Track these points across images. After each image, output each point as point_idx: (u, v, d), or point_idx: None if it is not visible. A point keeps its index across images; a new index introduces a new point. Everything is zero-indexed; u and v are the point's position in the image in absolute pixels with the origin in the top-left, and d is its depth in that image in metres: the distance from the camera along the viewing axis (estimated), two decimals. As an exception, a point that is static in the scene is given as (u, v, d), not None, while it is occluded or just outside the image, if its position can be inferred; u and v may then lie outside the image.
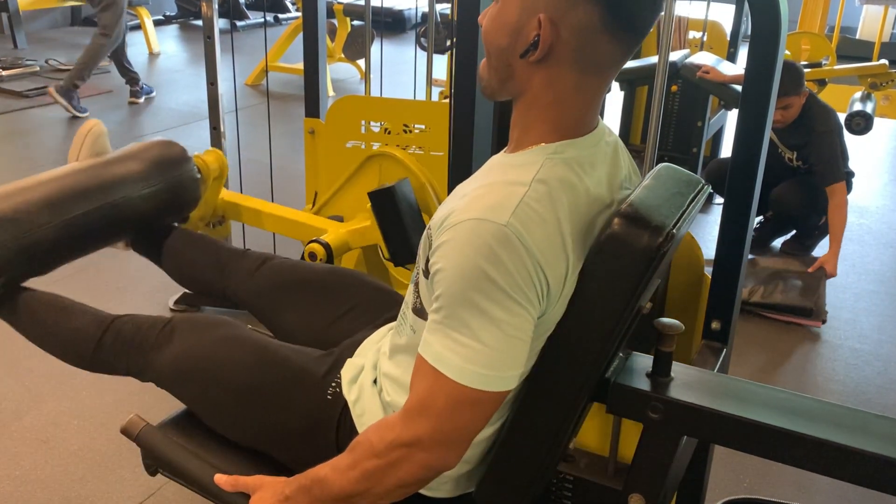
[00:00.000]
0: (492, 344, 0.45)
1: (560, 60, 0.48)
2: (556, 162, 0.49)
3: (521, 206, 0.46)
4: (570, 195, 0.49)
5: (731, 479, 1.04)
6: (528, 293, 0.46)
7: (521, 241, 0.45)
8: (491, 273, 0.45)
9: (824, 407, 0.54)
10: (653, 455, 0.55)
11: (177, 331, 0.69)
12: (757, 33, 0.67)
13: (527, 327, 0.46)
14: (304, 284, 0.75)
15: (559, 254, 0.47)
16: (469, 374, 0.46)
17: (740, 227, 0.70)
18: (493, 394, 0.47)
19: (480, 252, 0.45)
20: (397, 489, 0.49)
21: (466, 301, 0.45)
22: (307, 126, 1.37)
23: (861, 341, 1.42)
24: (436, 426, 0.46)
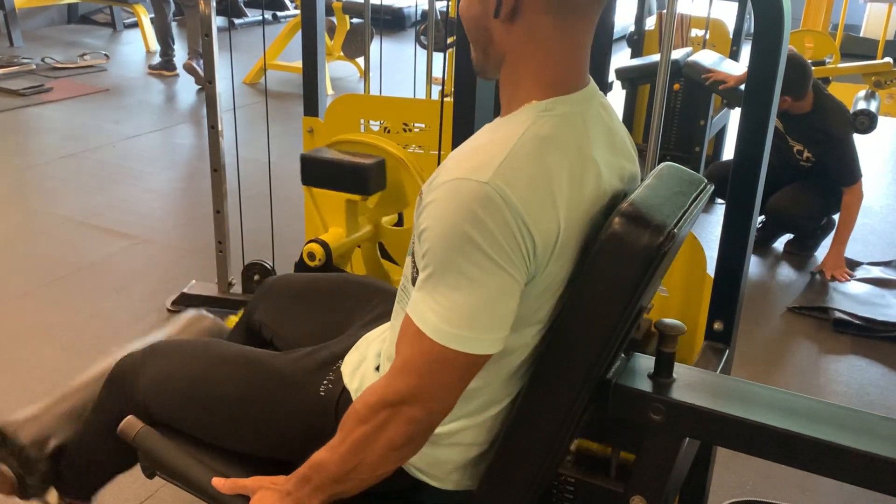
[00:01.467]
0: (469, 306, 0.45)
1: (530, 8, 0.47)
2: (547, 119, 0.48)
3: (506, 163, 0.46)
4: (560, 152, 0.47)
5: (733, 480, 1.04)
6: (512, 254, 0.45)
7: (504, 199, 0.44)
8: (472, 234, 0.44)
9: (828, 408, 0.54)
10: (655, 457, 0.55)
11: (148, 359, 0.68)
12: (760, 31, 0.67)
13: (508, 291, 0.45)
14: (305, 293, 0.75)
15: (548, 210, 0.46)
16: (445, 334, 0.46)
17: (743, 227, 0.70)
18: (470, 356, 0.46)
19: (462, 213, 0.44)
20: (389, 453, 0.48)
21: (448, 262, 0.45)
22: (306, 125, 1.36)
23: (864, 342, 1.41)
24: (417, 382, 0.47)
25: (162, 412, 0.65)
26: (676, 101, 1.97)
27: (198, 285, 1.46)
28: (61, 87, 2.75)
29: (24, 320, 1.37)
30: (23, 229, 1.72)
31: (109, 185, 1.98)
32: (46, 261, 1.58)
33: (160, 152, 2.29)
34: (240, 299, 1.42)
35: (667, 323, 0.56)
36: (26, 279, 1.51)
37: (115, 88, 2.82)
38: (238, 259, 1.45)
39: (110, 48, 3.40)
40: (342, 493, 0.52)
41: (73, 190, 1.94)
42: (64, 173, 2.05)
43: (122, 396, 0.68)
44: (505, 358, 0.52)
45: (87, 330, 1.34)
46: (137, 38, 3.51)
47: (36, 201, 1.87)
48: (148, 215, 1.81)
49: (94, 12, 3.92)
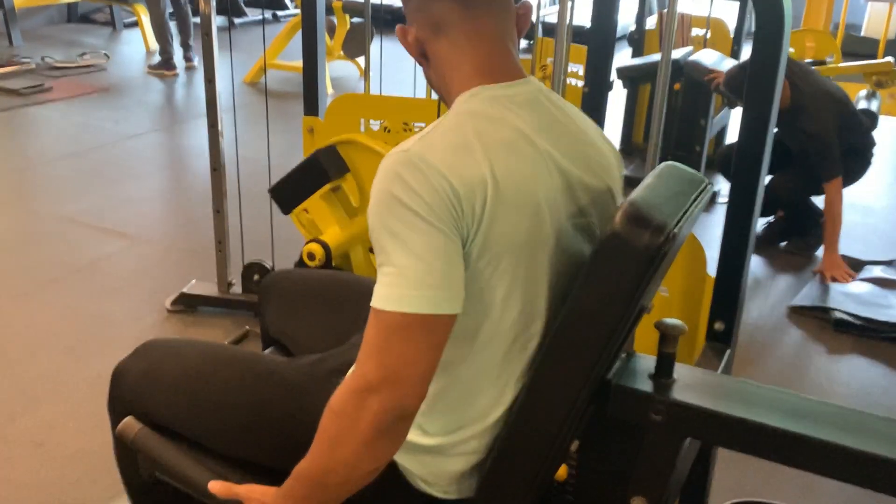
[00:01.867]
0: (408, 266, 0.46)
1: (428, 43, 0.53)
2: (472, 99, 0.51)
3: (427, 136, 0.49)
4: (484, 120, 0.50)
5: (734, 481, 1.03)
6: (438, 211, 0.46)
7: (423, 160, 0.47)
8: (397, 194, 0.46)
9: (829, 409, 0.53)
10: (655, 458, 0.55)
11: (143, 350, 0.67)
12: (760, 30, 0.67)
13: (443, 246, 0.46)
14: (311, 296, 0.75)
15: (471, 167, 0.47)
16: (392, 299, 0.46)
17: (744, 227, 0.70)
18: (421, 316, 0.45)
19: (387, 178, 0.48)
20: (363, 448, 0.47)
21: (382, 229, 0.47)
22: (306, 124, 1.36)
23: (866, 342, 1.40)
24: (377, 362, 0.46)
25: (153, 413, 0.64)
26: (677, 100, 1.97)
27: (197, 285, 1.46)
28: (61, 87, 2.75)
29: (23, 321, 1.36)
30: (22, 229, 1.72)
31: (109, 184, 1.98)
32: (45, 261, 1.57)
33: (160, 152, 2.28)
34: (239, 299, 1.41)
35: (667, 323, 0.55)
36: (25, 279, 1.50)
37: (114, 88, 2.82)
38: (238, 259, 1.45)
39: (110, 47, 3.40)
40: (329, 500, 0.50)
41: (72, 190, 1.94)
42: (63, 173, 2.05)
43: (115, 401, 0.67)
44: (487, 347, 0.51)
45: (87, 330, 1.34)
46: (137, 38, 3.51)
47: (35, 201, 1.87)
48: (147, 215, 1.81)
49: (93, 11, 3.92)
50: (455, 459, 0.54)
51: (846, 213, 1.90)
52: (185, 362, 0.65)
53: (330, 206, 1.15)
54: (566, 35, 1.03)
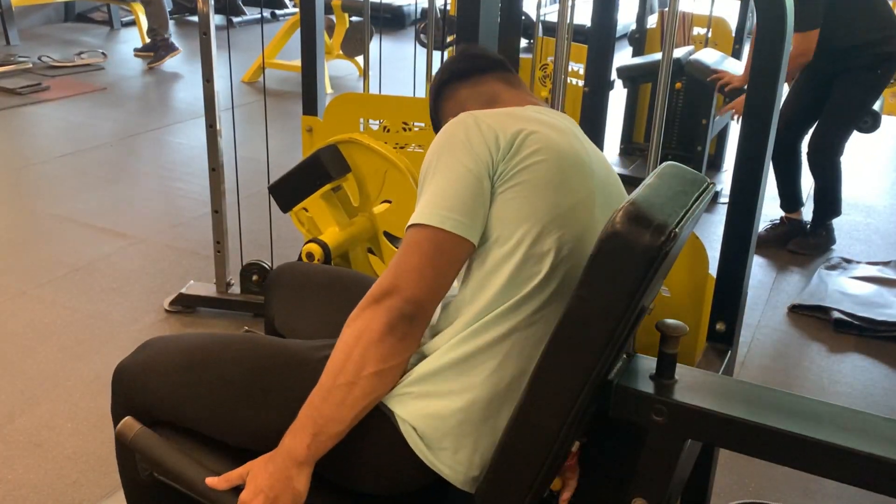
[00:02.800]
0: (436, 190, 0.55)
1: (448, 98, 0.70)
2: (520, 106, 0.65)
3: (478, 112, 0.61)
4: (533, 112, 0.62)
5: (736, 483, 1.03)
6: (475, 147, 0.56)
7: (476, 120, 0.58)
8: (448, 140, 0.57)
9: (830, 409, 0.53)
10: (657, 459, 0.55)
11: (144, 346, 0.67)
12: (762, 29, 0.67)
13: (470, 183, 0.55)
14: (313, 289, 0.76)
15: (513, 126, 0.58)
16: (416, 215, 0.54)
17: (745, 227, 0.70)
18: (433, 230, 0.53)
19: (444, 133, 0.59)
20: (375, 347, 0.51)
21: (428, 171, 0.57)
22: (305, 124, 1.36)
23: (867, 343, 1.40)
24: (393, 272, 0.53)
25: (154, 400, 0.63)
26: (678, 99, 1.96)
27: (196, 286, 1.45)
28: (58, 86, 2.74)
29: (20, 321, 1.36)
30: (19, 229, 1.71)
31: (106, 184, 1.97)
32: (43, 261, 1.56)
33: (158, 151, 2.28)
34: (238, 300, 1.41)
35: (669, 323, 0.55)
36: (22, 279, 1.49)
37: (112, 87, 2.81)
38: (236, 259, 1.45)
39: (107, 46, 3.38)
40: (329, 417, 0.51)
41: (69, 189, 1.93)
42: (61, 172, 2.04)
43: (118, 400, 0.67)
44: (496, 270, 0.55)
45: (84, 331, 1.33)
46: (135, 37, 3.49)
47: (32, 201, 1.86)
48: (146, 215, 1.80)
49: (91, 10, 3.90)
50: (448, 390, 0.54)
51: (848, 212, 1.88)
52: (185, 350, 0.65)
53: (330, 206, 1.14)
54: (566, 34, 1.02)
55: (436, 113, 0.70)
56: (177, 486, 0.62)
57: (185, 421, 0.64)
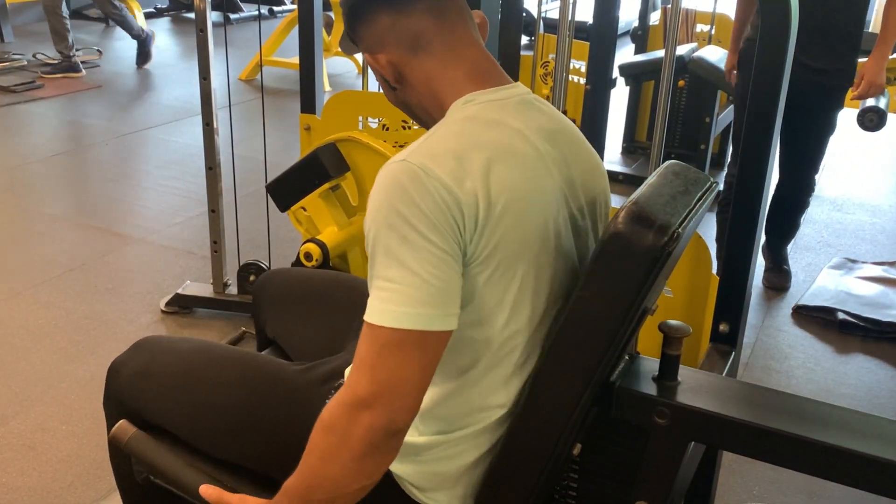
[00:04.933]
0: (402, 281, 0.45)
1: (405, 64, 0.52)
2: (468, 105, 0.51)
3: (426, 143, 0.49)
4: (482, 125, 0.50)
5: (739, 486, 1.02)
6: (439, 225, 0.46)
7: (424, 170, 0.46)
8: (399, 208, 0.46)
9: (836, 412, 0.53)
10: (659, 461, 0.54)
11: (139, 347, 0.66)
12: (766, 27, 0.66)
13: (443, 262, 0.46)
14: (308, 296, 0.74)
15: (473, 175, 0.47)
16: (385, 315, 0.46)
17: (749, 227, 0.69)
18: (416, 333, 0.45)
19: (386, 189, 0.47)
20: (353, 464, 0.46)
21: (379, 242, 0.46)
22: (303, 122, 1.35)
23: (873, 344, 1.39)
24: (370, 377, 0.45)
25: (148, 411, 0.63)
26: (681, 97, 1.93)
27: (192, 286, 1.44)
28: (53, 84, 2.71)
29: (15, 321, 1.34)
30: (14, 229, 1.69)
31: (102, 183, 1.95)
32: (37, 261, 1.55)
33: (154, 150, 2.26)
34: (235, 300, 1.39)
35: (671, 325, 0.55)
36: (17, 279, 1.48)
37: (107, 85, 2.78)
38: (234, 259, 1.43)
39: (103, 44, 3.36)
40: None
41: (64, 188, 1.91)
42: (56, 171, 2.02)
43: (110, 399, 0.66)
44: (490, 356, 0.50)
45: (80, 331, 1.32)
46: (131, 34, 3.49)
47: (27, 200, 1.84)
48: (142, 214, 1.79)
49: (86, 7, 3.87)
50: (447, 461, 0.53)
51: (854, 212, 1.87)
52: (180, 360, 0.64)
53: (328, 206, 1.14)
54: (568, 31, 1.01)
55: (352, 32, 0.53)
56: (173, 490, 0.62)
57: (175, 430, 0.63)
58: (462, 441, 0.53)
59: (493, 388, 0.52)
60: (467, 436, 0.53)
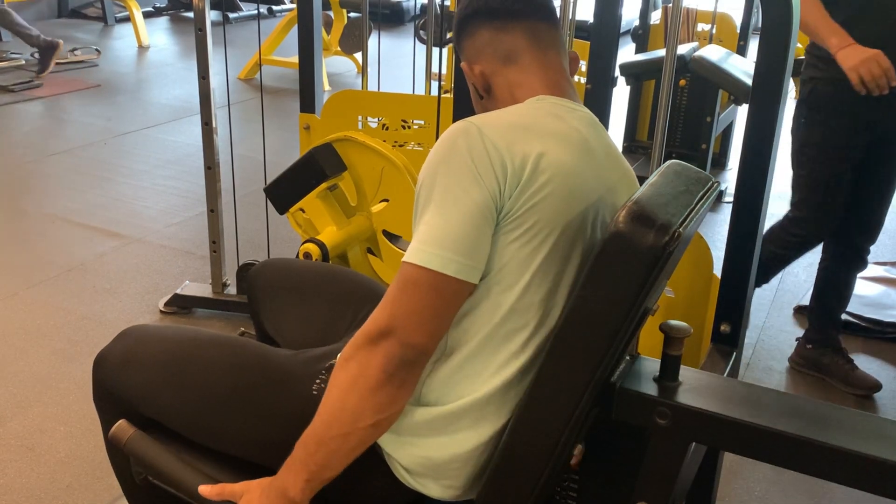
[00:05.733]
0: (437, 224, 0.49)
1: (495, 74, 0.59)
2: (538, 105, 0.57)
3: (490, 115, 0.54)
4: (545, 114, 0.55)
5: (741, 487, 1.02)
6: (479, 173, 0.49)
7: (480, 130, 0.51)
8: (447, 158, 0.50)
9: (838, 412, 0.53)
10: (660, 462, 0.54)
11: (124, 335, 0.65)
12: (768, 26, 0.66)
13: (474, 216, 0.49)
14: (298, 286, 0.74)
15: (522, 143, 0.51)
16: (413, 252, 0.49)
17: (751, 226, 0.69)
18: (435, 274, 0.48)
19: (443, 146, 0.51)
20: (368, 395, 0.48)
21: (426, 192, 0.50)
22: (302, 122, 1.35)
23: (874, 344, 1.39)
24: (391, 311, 0.49)
25: (134, 396, 0.62)
26: (682, 97, 1.94)
27: (191, 286, 1.43)
28: (51, 83, 2.71)
29: (13, 322, 1.34)
30: (11, 228, 1.69)
31: (101, 183, 1.95)
32: (36, 261, 1.54)
33: (152, 150, 2.25)
34: (234, 300, 1.39)
35: (672, 325, 0.54)
36: (15, 280, 1.47)
37: (106, 84, 2.78)
38: (233, 259, 1.43)
39: (101, 43, 3.35)
40: (323, 464, 0.50)
41: (63, 188, 1.90)
42: (54, 171, 2.01)
43: (99, 389, 0.65)
44: (503, 324, 0.51)
45: (78, 332, 1.31)
46: (129, 33, 3.46)
47: (25, 200, 1.84)
48: (140, 214, 1.78)
49: (84, 6, 3.86)
50: (441, 448, 0.53)
51: None
52: (167, 344, 0.63)
53: (327, 206, 1.13)
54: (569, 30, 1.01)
55: (458, 45, 0.61)
56: (172, 490, 0.61)
57: (164, 416, 0.62)
58: (459, 422, 0.52)
59: (496, 363, 0.52)
60: (465, 414, 0.52)
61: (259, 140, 1.44)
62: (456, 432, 0.53)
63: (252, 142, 1.84)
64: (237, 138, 1.46)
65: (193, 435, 0.62)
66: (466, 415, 0.52)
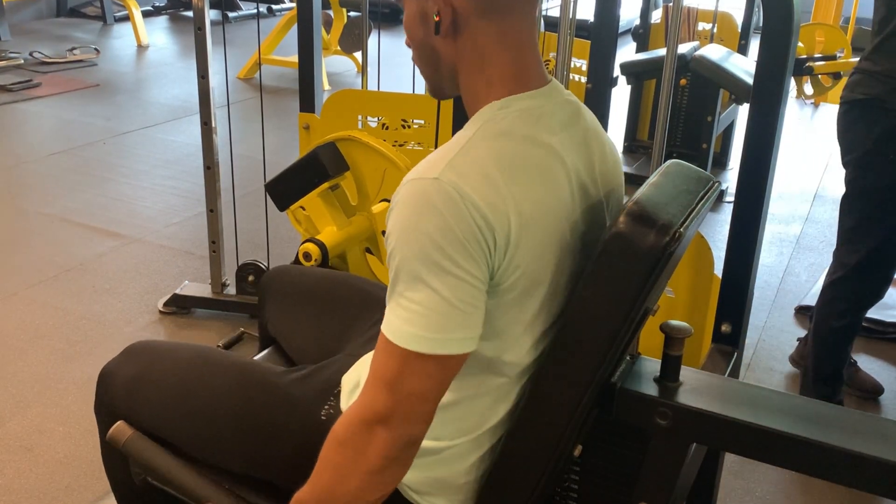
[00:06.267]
0: (431, 306, 0.45)
1: (468, 18, 0.48)
2: (503, 115, 0.49)
3: (457, 157, 0.46)
4: (516, 143, 0.48)
5: (742, 488, 1.01)
6: (471, 249, 0.45)
7: (458, 191, 0.44)
8: (430, 231, 0.44)
9: (839, 413, 0.53)
10: (661, 463, 0.54)
11: (133, 352, 0.66)
12: (769, 25, 0.66)
13: (467, 289, 0.45)
14: (308, 297, 0.73)
15: (504, 199, 0.46)
16: (410, 337, 0.45)
17: (752, 226, 0.69)
18: (439, 357, 0.45)
19: (417, 211, 0.45)
20: (370, 478, 0.46)
21: (409, 262, 0.45)
22: (302, 121, 1.35)
23: (876, 345, 1.39)
24: (389, 396, 0.45)
25: (142, 419, 0.63)
26: (683, 96, 1.93)
27: (191, 286, 1.43)
28: (50, 83, 2.70)
29: (12, 322, 1.34)
30: (10, 228, 1.68)
31: (100, 183, 1.94)
32: (35, 261, 1.54)
33: (152, 149, 2.25)
34: (234, 301, 1.39)
35: (673, 325, 0.54)
36: (14, 280, 1.47)
37: (105, 84, 2.77)
38: (232, 259, 1.42)
39: (100, 42, 3.34)
40: None
41: (62, 188, 1.90)
42: (53, 171, 2.01)
43: (102, 404, 0.66)
44: (504, 372, 0.51)
45: (76, 332, 1.31)
46: (129, 32, 3.45)
47: (24, 200, 1.83)
48: (139, 214, 1.78)
49: (83, 5, 3.85)
50: (447, 466, 0.53)
51: None
52: (175, 367, 0.64)
53: (328, 205, 1.13)
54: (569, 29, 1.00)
55: None
56: (171, 492, 0.61)
57: (170, 437, 0.63)
58: (464, 445, 0.53)
59: (500, 397, 0.52)
60: (470, 440, 0.52)
61: (258, 140, 1.44)
62: (460, 456, 0.53)
63: (252, 141, 1.83)
64: (237, 138, 1.46)
65: (197, 454, 0.62)
66: (469, 442, 0.52)
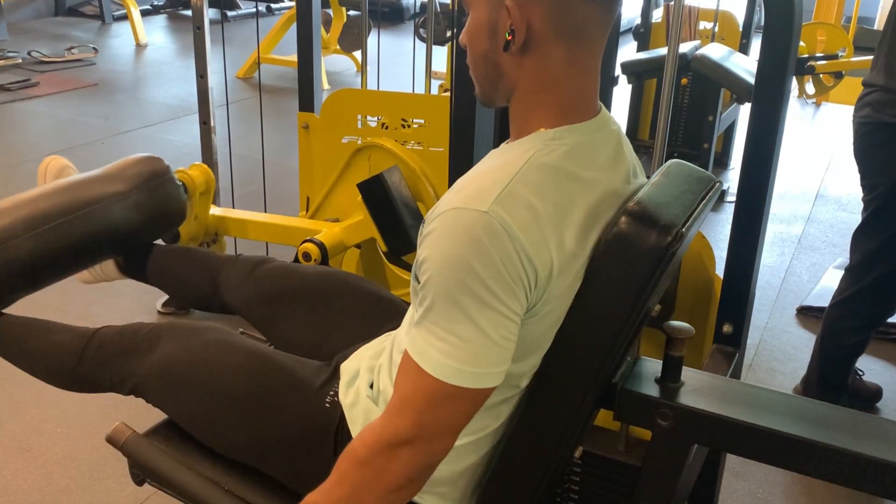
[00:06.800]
0: (471, 340, 0.45)
1: (541, 39, 0.47)
2: (554, 148, 0.48)
3: (507, 190, 0.45)
4: (564, 184, 0.47)
5: (743, 489, 1.01)
6: (513, 284, 0.45)
7: (505, 227, 0.44)
8: (474, 265, 0.44)
9: (841, 414, 0.52)
10: (662, 464, 0.54)
11: (162, 336, 0.67)
12: (770, 24, 0.65)
13: (508, 324, 0.45)
14: (301, 292, 0.73)
15: (548, 240, 0.46)
16: (447, 370, 0.45)
17: (753, 226, 0.69)
18: (473, 390, 0.46)
19: (461, 242, 0.44)
20: (387, 495, 0.47)
21: (448, 294, 0.44)
22: (301, 121, 1.34)
23: (877, 345, 1.38)
24: (416, 421, 0.46)
25: (158, 395, 0.63)
26: (684, 96, 1.93)
27: (190, 285, 1.44)
28: (48, 82, 2.70)
29: (10, 321, 1.35)
30: (9, 227, 1.69)
31: (99, 181, 1.96)
32: (33, 260, 1.55)
33: (150, 149, 2.23)
34: (233, 299, 1.40)
35: (674, 325, 0.54)
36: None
37: (103, 83, 2.77)
38: (231, 258, 1.44)
39: (99, 41, 3.34)
40: None
41: (61, 187, 1.91)
42: (52, 170, 2.03)
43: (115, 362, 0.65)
44: (513, 387, 0.51)
45: (76, 331, 1.32)
46: (127, 31, 3.44)
47: (23, 199, 1.84)
48: (138, 213, 1.79)
49: (82, 4, 3.84)
50: (444, 465, 0.52)
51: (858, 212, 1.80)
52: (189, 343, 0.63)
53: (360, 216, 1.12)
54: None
55: None
56: (170, 493, 0.61)
57: (171, 413, 0.63)
58: (466, 446, 0.52)
59: (504, 401, 0.52)
60: (471, 441, 0.52)
61: (258, 139, 1.44)
62: (461, 456, 0.53)
63: (251, 141, 1.83)
64: (236, 137, 1.47)
65: (202, 434, 0.61)
66: (471, 444, 0.52)
